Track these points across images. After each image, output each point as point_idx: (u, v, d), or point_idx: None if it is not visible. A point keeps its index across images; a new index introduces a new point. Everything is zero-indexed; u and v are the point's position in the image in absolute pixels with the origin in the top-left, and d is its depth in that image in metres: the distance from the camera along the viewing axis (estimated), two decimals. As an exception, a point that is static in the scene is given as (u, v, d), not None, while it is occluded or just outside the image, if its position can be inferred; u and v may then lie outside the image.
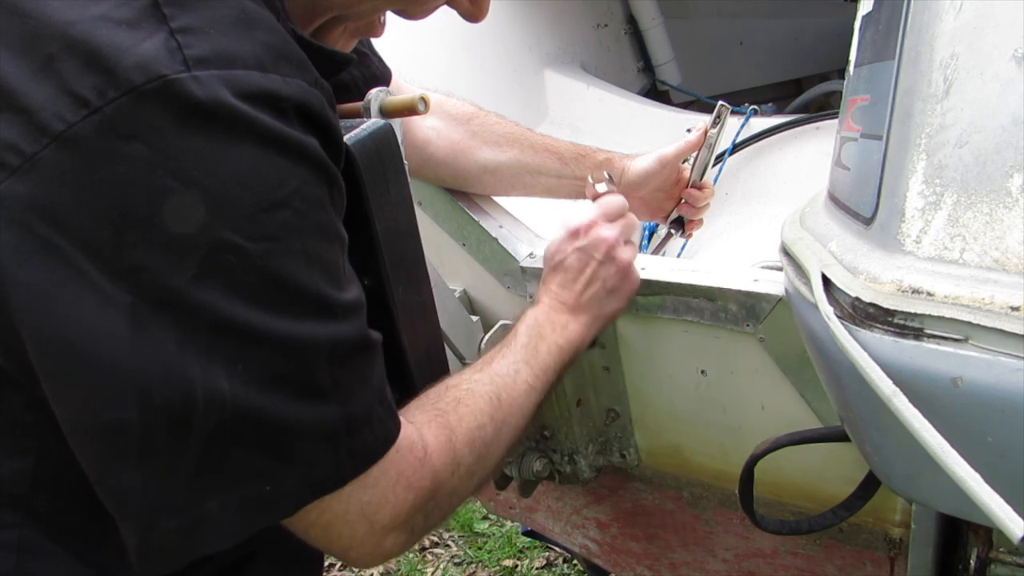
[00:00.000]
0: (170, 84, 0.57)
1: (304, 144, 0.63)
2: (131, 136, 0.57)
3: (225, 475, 0.64)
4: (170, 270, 0.59)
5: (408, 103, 0.95)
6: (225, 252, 0.60)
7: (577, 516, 1.62)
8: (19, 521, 0.70)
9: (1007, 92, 0.63)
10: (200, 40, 0.59)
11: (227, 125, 0.59)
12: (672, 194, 1.44)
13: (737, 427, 1.24)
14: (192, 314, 0.60)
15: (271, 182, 0.61)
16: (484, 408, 0.85)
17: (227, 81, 0.59)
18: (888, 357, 0.65)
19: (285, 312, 0.63)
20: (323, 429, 0.67)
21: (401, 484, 0.73)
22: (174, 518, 0.64)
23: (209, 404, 0.61)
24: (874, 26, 0.81)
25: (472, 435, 0.82)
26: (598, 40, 2.19)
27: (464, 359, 1.29)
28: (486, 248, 1.34)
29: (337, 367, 0.67)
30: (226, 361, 0.61)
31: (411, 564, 2.77)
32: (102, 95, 0.57)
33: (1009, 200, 0.62)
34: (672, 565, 1.55)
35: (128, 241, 0.58)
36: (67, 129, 0.56)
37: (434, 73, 1.66)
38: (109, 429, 0.61)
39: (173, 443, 0.61)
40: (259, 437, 0.64)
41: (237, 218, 0.60)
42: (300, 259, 0.64)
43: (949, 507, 0.77)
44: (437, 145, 1.30)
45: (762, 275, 1.13)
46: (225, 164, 0.59)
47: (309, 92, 0.65)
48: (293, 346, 0.64)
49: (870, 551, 1.27)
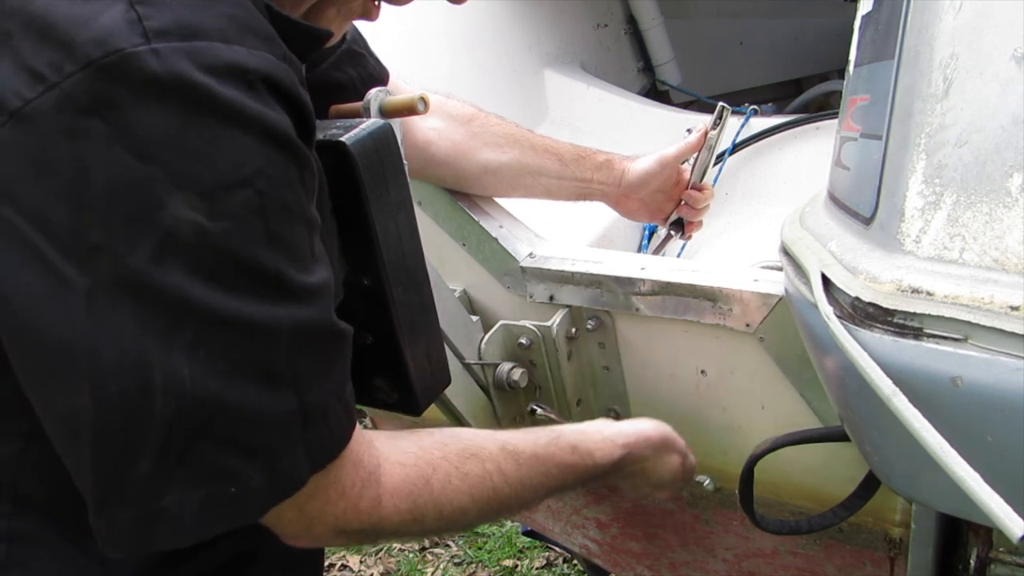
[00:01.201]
0: (128, 58, 0.55)
1: (271, 121, 0.61)
2: (89, 111, 0.55)
3: (186, 469, 0.62)
4: (128, 250, 0.57)
5: (408, 103, 0.95)
6: (184, 232, 0.58)
7: (577, 516, 1.62)
8: (9, 510, 0.70)
9: (1007, 92, 0.63)
10: (160, 12, 0.58)
11: (188, 100, 0.57)
12: (672, 195, 1.44)
13: (737, 427, 1.24)
14: (151, 296, 0.58)
15: (233, 160, 0.59)
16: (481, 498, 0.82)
17: (189, 53, 0.57)
18: (888, 357, 0.65)
19: (246, 294, 0.61)
20: (279, 420, 0.65)
21: (335, 489, 0.72)
22: (127, 508, 0.62)
23: (168, 390, 0.59)
24: (874, 26, 0.81)
25: (449, 507, 0.80)
26: (598, 40, 2.19)
27: (464, 359, 1.29)
28: (486, 248, 1.34)
29: (296, 352, 0.65)
30: (187, 345, 0.59)
31: (411, 564, 2.77)
32: (59, 70, 0.56)
33: (1009, 200, 0.62)
34: (672, 565, 1.55)
35: (85, 220, 0.57)
36: (24, 106, 0.56)
37: (434, 73, 1.66)
38: (66, 414, 0.60)
39: (128, 431, 0.60)
40: (220, 428, 0.62)
41: (195, 196, 0.58)
42: (262, 240, 0.61)
43: (949, 507, 0.77)
44: (438, 146, 1.30)
45: (762, 275, 1.13)
46: (185, 141, 0.57)
47: (277, 65, 0.62)
48: (253, 328, 0.62)
49: (870, 551, 1.27)
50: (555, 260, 1.28)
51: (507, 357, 1.30)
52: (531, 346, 1.28)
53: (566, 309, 1.27)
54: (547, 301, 1.29)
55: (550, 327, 1.26)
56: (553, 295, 1.28)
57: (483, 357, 1.28)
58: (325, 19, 0.80)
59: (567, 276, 1.26)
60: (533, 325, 1.27)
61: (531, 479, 0.88)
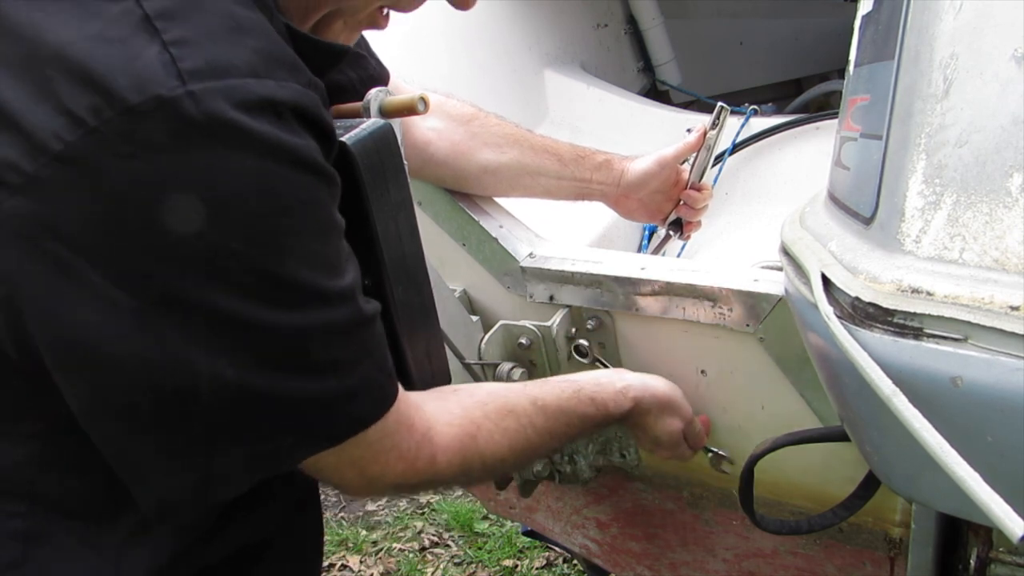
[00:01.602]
0: (165, 103, 0.58)
1: (300, 149, 0.65)
2: (129, 154, 0.58)
3: (231, 439, 0.69)
4: (172, 276, 0.62)
5: (408, 103, 0.95)
6: (225, 257, 0.62)
7: (577, 516, 1.62)
8: (25, 510, 0.72)
9: (1007, 92, 0.63)
10: (193, 51, 0.60)
11: (224, 138, 0.60)
12: (671, 196, 1.44)
13: (737, 427, 1.24)
14: (194, 313, 0.63)
15: (269, 190, 0.63)
16: (519, 449, 0.94)
17: (223, 92, 0.60)
18: (888, 357, 0.65)
19: (284, 306, 0.66)
20: (322, 400, 0.72)
21: (394, 454, 0.80)
22: (185, 477, 0.69)
23: (214, 388, 0.65)
24: (874, 26, 0.81)
25: (492, 459, 0.91)
26: (598, 40, 2.19)
27: (464, 359, 1.29)
28: (486, 248, 1.34)
29: (336, 346, 0.71)
30: (228, 351, 0.65)
31: (411, 564, 2.77)
32: (98, 115, 0.58)
33: (1009, 200, 0.62)
34: (672, 565, 1.55)
35: (130, 251, 0.60)
36: (64, 148, 0.58)
37: (434, 73, 1.66)
38: (124, 411, 0.66)
39: (182, 418, 0.66)
40: (262, 411, 0.69)
41: (236, 226, 0.62)
42: (298, 259, 0.66)
43: (949, 507, 0.77)
44: (438, 146, 1.30)
45: (762, 275, 1.13)
46: (223, 176, 0.61)
47: (303, 94, 0.66)
48: (292, 334, 0.68)
49: (870, 551, 1.27)
50: (555, 260, 1.28)
51: (507, 357, 1.30)
52: (531, 346, 1.28)
53: (566, 309, 1.28)
54: (547, 301, 1.29)
55: (550, 327, 1.26)
56: (553, 295, 1.28)
57: (483, 357, 1.28)
58: (333, 31, 0.82)
59: (567, 276, 1.26)
60: (533, 325, 1.27)
61: (557, 429, 1.00)
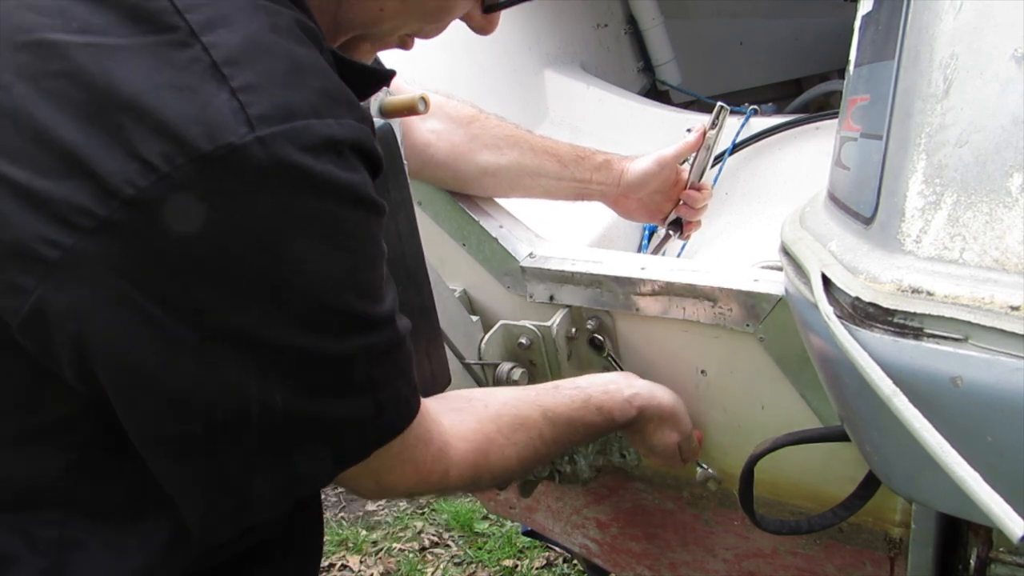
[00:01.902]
0: (236, 151, 0.60)
1: (359, 186, 0.68)
2: (198, 198, 0.60)
3: (272, 461, 0.72)
4: (234, 312, 0.64)
5: (408, 103, 0.95)
6: (286, 293, 0.65)
7: (577, 516, 1.62)
8: (60, 518, 0.74)
9: (1007, 92, 0.63)
10: (260, 96, 0.62)
11: (289, 182, 0.63)
12: (670, 195, 1.44)
13: (737, 427, 1.24)
14: (252, 345, 0.66)
15: (330, 229, 0.66)
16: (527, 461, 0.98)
17: (289, 136, 0.62)
18: (888, 357, 0.65)
19: (335, 333, 0.70)
20: (356, 417, 0.75)
21: (410, 467, 0.84)
22: (228, 499, 0.72)
23: (263, 413, 0.68)
24: (874, 26, 0.81)
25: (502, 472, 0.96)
26: (598, 40, 2.19)
27: (464, 359, 1.29)
28: (486, 248, 1.34)
29: (374, 367, 0.74)
30: (279, 378, 0.68)
31: (411, 564, 2.77)
32: (170, 161, 0.59)
33: (1009, 200, 0.62)
34: (672, 565, 1.55)
35: (194, 289, 0.63)
36: (136, 193, 0.59)
37: (434, 74, 1.66)
38: (177, 439, 0.69)
39: (231, 445, 0.69)
40: (303, 432, 0.72)
41: (298, 264, 0.65)
42: (352, 289, 0.70)
43: (949, 507, 0.77)
44: (437, 148, 1.30)
45: (762, 275, 1.13)
46: (288, 217, 0.64)
47: (360, 129, 0.68)
48: (338, 359, 0.71)
49: (870, 551, 1.27)
50: (555, 260, 1.28)
51: (507, 357, 1.30)
52: (531, 346, 1.28)
53: (566, 309, 1.28)
54: (547, 301, 1.29)
55: (550, 327, 1.26)
56: (553, 295, 1.28)
57: (483, 357, 1.28)
58: (360, 52, 0.84)
59: (567, 276, 1.26)
60: (533, 325, 1.27)
61: (563, 439, 1.05)
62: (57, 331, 0.63)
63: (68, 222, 0.60)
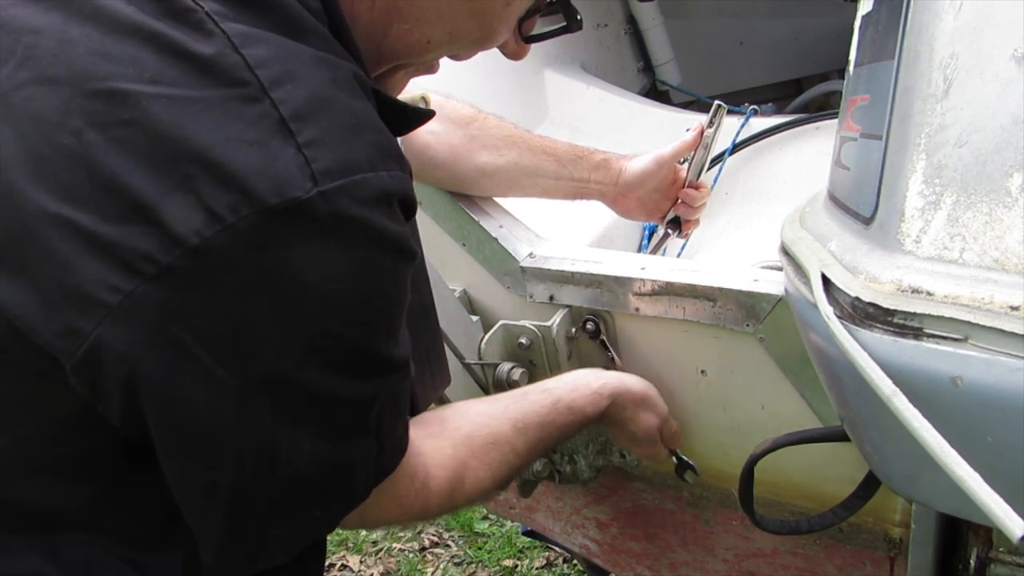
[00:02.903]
0: (301, 205, 0.62)
1: (403, 239, 0.69)
2: (260, 248, 0.62)
3: (290, 511, 0.74)
4: (277, 358, 0.66)
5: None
6: (327, 339, 0.67)
7: (577, 516, 1.62)
8: (87, 539, 0.75)
9: (1007, 92, 0.63)
10: (324, 152, 0.63)
11: (344, 234, 0.65)
12: (669, 194, 1.44)
13: (737, 427, 1.24)
14: (289, 390, 0.68)
15: (374, 279, 0.69)
16: (501, 479, 1.00)
17: (348, 191, 0.64)
18: (888, 357, 0.65)
19: (364, 376, 0.72)
20: (363, 458, 0.77)
21: (394, 502, 0.86)
22: (243, 547, 0.74)
23: (290, 460, 0.70)
24: (874, 26, 0.81)
25: (476, 494, 0.98)
26: (598, 40, 2.19)
27: (464, 359, 1.29)
28: (486, 248, 1.34)
29: (384, 409, 0.76)
30: (311, 424, 0.70)
31: (411, 564, 2.77)
32: (236, 212, 0.60)
33: (1009, 200, 0.62)
34: (672, 565, 1.55)
35: (244, 335, 0.64)
36: (201, 242, 0.60)
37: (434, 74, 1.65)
38: (206, 485, 0.70)
39: (255, 494, 0.71)
40: (324, 479, 0.74)
41: (341, 311, 0.67)
42: (383, 335, 0.72)
43: (949, 507, 0.77)
44: (436, 149, 1.30)
45: (762, 275, 1.13)
46: (338, 268, 0.65)
47: (406, 182, 0.70)
48: (363, 401, 0.74)
49: (870, 551, 1.27)
50: (555, 260, 1.28)
51: (507, 357, 1.30)
52: (531, 346, 1.28)
53: (566, 309, 1.28)
54: (547, 301, 1.29)
55: (550, 327, 1.26)
56: (553, 295, 1.28)
57: (483, 357, 1.28)
58: (394, 80, 0.87)
59: (567, 276, 1.26)
60: (533, 325, 1.27)
61: (537, 445, 1.06)
62: (110, 373, 0.64)
63: (131, 268, 0.60)
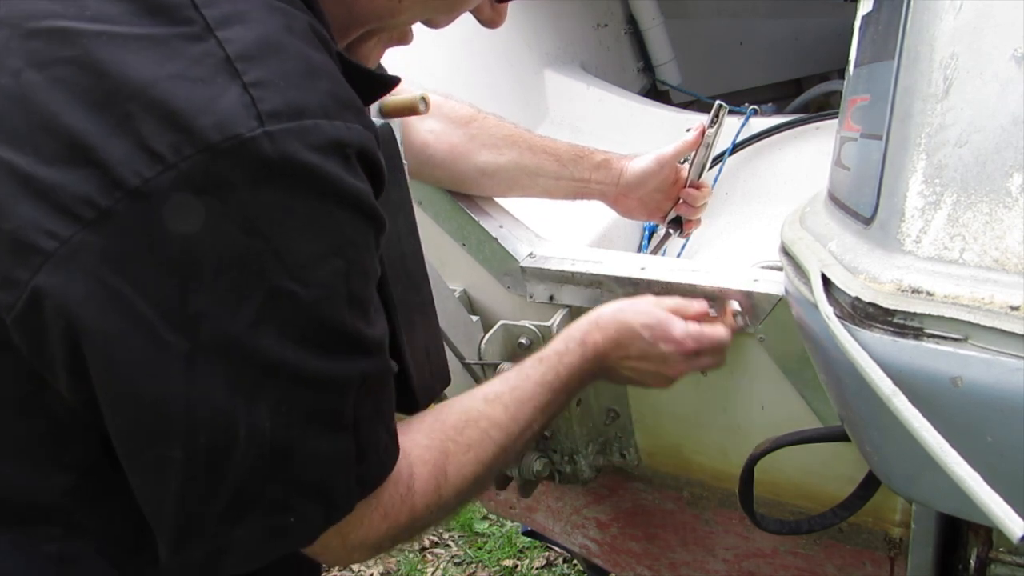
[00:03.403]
0: (245, 143, 0.59)
1: (361, 193, 0.66)
2: (203, 191, 0.59)
3: (256, 508, 0.68)
4: (229, 317, 0.62)
5: (408, 103, 0.95)
6: (280, 299, 0.63)
7: (577, 516, 1.62)
8: (61, 534, 0.72)
9: (1007, 92, 0.63)
10: (272, 93, 0.61)
11: (295, 179, 0.62)
12: (670, 194, 1.44)
13: (737, 427, 1.24)
14: (245, 358, 0.63)
15: (328, 232, 0.65)
16: (487, 459, 0.88)
17: (298, 134, 0.61)
18: (888, 357, 0.65)
19: (328, 353, 0.67)
20: (339, 459, 0.71)
21: (379, 513, 0.77)
22: (203, 544, 0.68)
23: (250, 441, 0.64)
24: (874, 26, 0.81)
25: (464, 483, 0.86)
26: (598, 40, 2.19)
27: (464, 359, 1.29)
28: (486, 248, 1.34)
29: (360, 399, 0.71)
30: (270, 401, 0.65)
31: (411, 564, 2.77)
32: (178, 152, 0.58)
33: (1009, 200, 0.62)
34: (672, 565, 1.55)
35: (191, 290, 0.60)
36: (142, 184, 0.58)
37: (434, 74, 1.66)
38: (155, 463, 0.65)
39: (211, 478, 0.65)
40: (290, 471, 0.68)
41: (295, 267, 0.63)
42: (345, 304, 0.67)
43: (949, 507, 0.77)
44: (435, 148, 1.30)
45: (762, 275, 1.13)
46: (289, 216, 0.62)
47: (367, 136, 0.68)
48: (331, 383, 0.68)
49: (870, 551, 1.27)
50: (555, 260, 1.28)
51: (507, 357, 1.30)
52: (531, 346, 1.28)
53: (566, 309, 1.27)
54: (547, 301, 1.29)
55: (550, 327, 1.26)
56: (553, 295, 1.28)
57: (483, 357, 1.28)
58: (366, 48, 0.83)
59: (567, 276, 1.25)
60: (533, 325, 1.27)
61: (521, 413, 0.93)
62: (52, 329, 0.61)
63: (69, 212, 0.58)
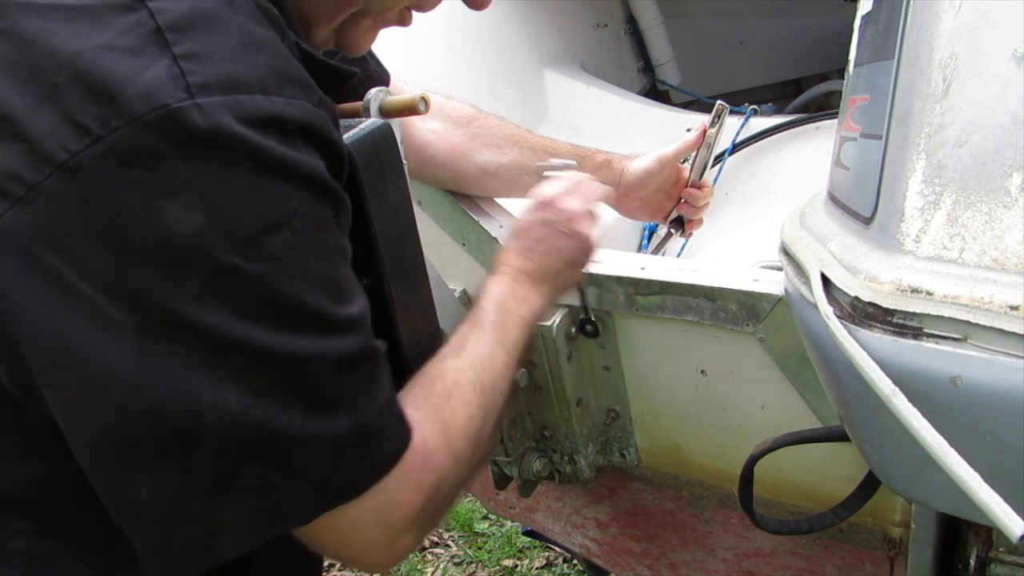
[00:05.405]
0: (172, 113, 0.57)
1: (306, 166, 0.64)
2: (133, 164, 0.57)
3: (238, 488, 0.65)
4: (172, 293, 0.60)
5: (408, 103, 0.95)
6: (225, 274, 0.61)
7: (577, 516, 1.62)
8: (29, 529, 0.70)
9: (1006, 92, 0.63)
10: (203, 66, 0.59)
11: (227, 151, 0.59)
12: (671, 194, 1.44)
13: (737, 427, 1.24)
14: (195, 334, 0.61)
15: (269, 205, 0.62)
16: (472, 399, 0.85)
17: (230, 107, 0.59)
18: (887, 357, 0.65)
19: (286, 329, 0.64)
20: (334, 441, 0.68)
21: (409, 486, 0.75)
22: (190, 527, 0.65)
23: (217, 419, 0.62)
24: (874, 26, 0.81)
25: (466, 427, 0.83)
26: (598, 40, 2.19)
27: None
28: (486, 248, 1.34)
29: (344, 380, 0.69)
30: (231, 378, 0.62)
31: (411, 564, 2.77)
32: (105, 124, 0.57)
33: (1008, 200, 0.62)
34: (672, 565, 1.55)
35: (130, 265, 0.59)
36: (70, 158, 0.57)
37: (434, 74, 1.66)
38: (120, 443, 0.62)
39: (184, 456, 0.63)
40: (268, 451, 0.65)
41: (236, 241, 0.61)
42: (300, 278, 0.64)
43: (949, 507, 0.77)
44: (437, 148, 1.30)
45: (762, 275, 1.13)
46: (224, 189, 0.60)
47: (313, 112, 0.65)
48: (296, 362, 0.65)
49: (870, 551, 1.27)
50: (555, 260, 1.28)
51: (507, 357, 1.30)
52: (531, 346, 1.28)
53: (566, 309, 1.27)
54: (547, 301, 1.29)
55: (550, 327, 1.26)
56: (553, 295, 1.28)
57: (483, 357, 1.28)
58: (360, 29, 0.81)
59: (567, 276, 1.25)
60: (533, 325, 1.27)
61: (486, 338, 0.91)
62: None
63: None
